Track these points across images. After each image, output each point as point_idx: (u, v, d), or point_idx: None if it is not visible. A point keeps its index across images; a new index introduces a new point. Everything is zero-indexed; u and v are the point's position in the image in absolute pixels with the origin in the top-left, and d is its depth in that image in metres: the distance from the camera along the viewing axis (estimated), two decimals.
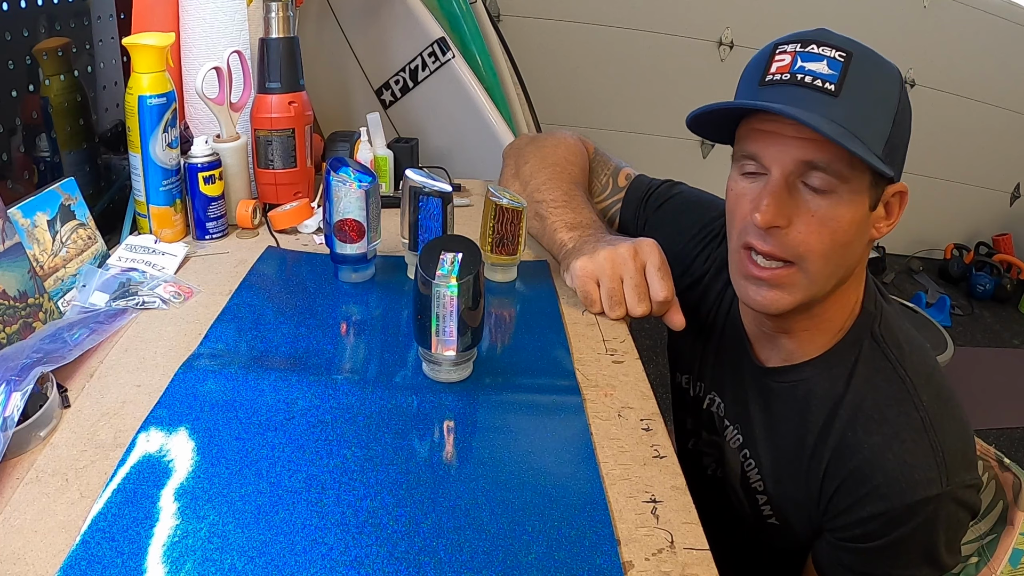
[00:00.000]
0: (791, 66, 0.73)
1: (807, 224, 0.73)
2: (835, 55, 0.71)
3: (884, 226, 0.78)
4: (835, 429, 0.79)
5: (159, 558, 0.56)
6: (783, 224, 0.73)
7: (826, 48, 0.72)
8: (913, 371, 0.78)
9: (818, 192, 0.73)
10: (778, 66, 0.73)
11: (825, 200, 0.72)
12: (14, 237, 0.78)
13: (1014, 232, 3.47)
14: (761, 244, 0.76)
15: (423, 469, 0.67)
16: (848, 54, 0.71)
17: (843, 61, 0.71)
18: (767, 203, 0.73)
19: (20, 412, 0.63)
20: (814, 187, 0.73)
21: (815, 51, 0.72)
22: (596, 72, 2.99)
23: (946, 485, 0.72)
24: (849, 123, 0.70)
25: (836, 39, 0.73)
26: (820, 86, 0.71)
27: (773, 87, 0.73)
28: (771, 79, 0.74)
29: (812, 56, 0.72)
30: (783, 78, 0.73)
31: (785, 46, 0.74)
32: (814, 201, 0.73)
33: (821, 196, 0.73)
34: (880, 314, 0.82)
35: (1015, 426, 2.46)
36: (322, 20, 1.69)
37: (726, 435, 0.94)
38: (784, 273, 0.76)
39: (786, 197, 0.73)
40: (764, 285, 0.77)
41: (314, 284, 0.97)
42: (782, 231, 0.74)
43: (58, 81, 0.98)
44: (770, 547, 0.92)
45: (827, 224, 0.73)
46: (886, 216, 0.78)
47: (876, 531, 0.75)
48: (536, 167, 1.10)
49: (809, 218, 0.73)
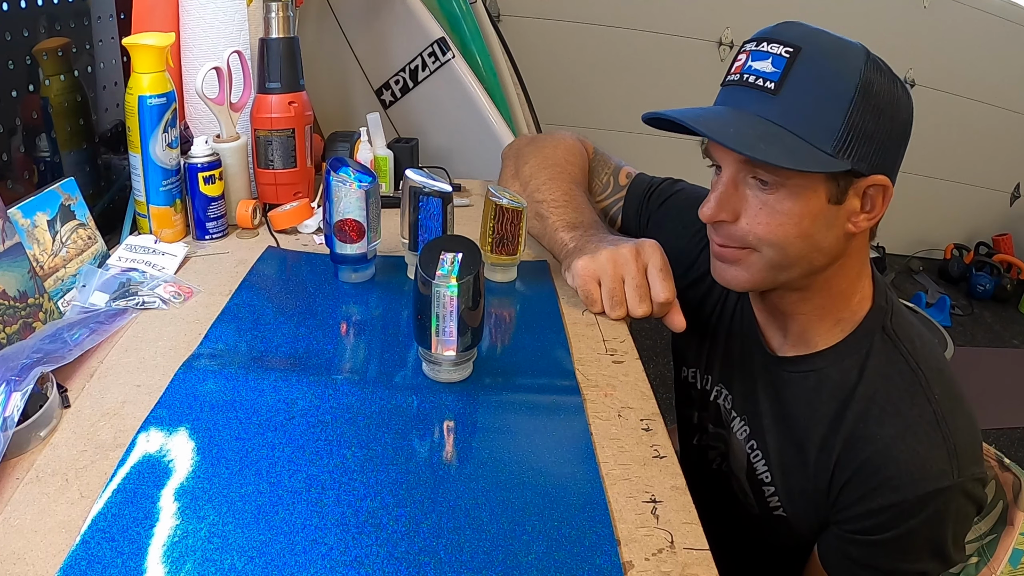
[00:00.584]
0: (743, 66, 0.76)
1: (755, 216, 0.77)
2: (781, 51, 0.73)
3: (863, 220, 0.77)
4: (847, 420, 0.79)
5: (159, 558, 0.56)
6: (727, 218, 0.78)
7: (775, 45, 0.74)
8: (925, 365, 0.78)
9: (764, 186, 0.76)
10: (736, 66, 0.78)
11: (772, 194, 0.75)
12: (14, 237, 0.78)
13: (1014, 232, 3.47)
14: (714, 236, 0.82)
15: (423, 469, 0.67)
16: (796, 49, 0.73)
17: (788, 58, 0.73)
18: (711, 200, 0.78)
19: (20, 412, 0.63)
20: (761, 181, 0.76)
21: (764, 48, 0.74)
22: (596, 72, 2.99)
23: (957, 477, 0.73)
24: (786, 120, 0.72)
25: (792, 33, 0.74)
26: (761, 85, 0.74)
27: (726, 88, 0.78)
28: (728, 79, 0.78)
29: (760, 54, 0.75)
30: (734, 79, 0.77)
31: (748, 44, 0.77)
32: (761, 195, 0.76)
33: (767, 191, 0.76)
34: (892, 309, 0.83)
35: (1015, 426, 2.46)
36: (322, 20, 1.69)
37: (732, 427, 0.95)
38: (740, 253, 0.80)
39: (732, 193, 0.78)
40: (726, 262, 0.82)
41: (314, 284, 0.97)
42: (729, 224, 0.79)
43: (58, 81, 0.98)
44: (775, 541, 0.92)
45: (775, 216, 0.76)
46: (864, 210, 0.76)
47: (886, 523, 0.75)
48: (536, 167, 1.10)
49: (757, 210, 0.77)
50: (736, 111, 0.75)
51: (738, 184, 0.77)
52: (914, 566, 0.77)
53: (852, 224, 0.77)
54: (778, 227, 0.76)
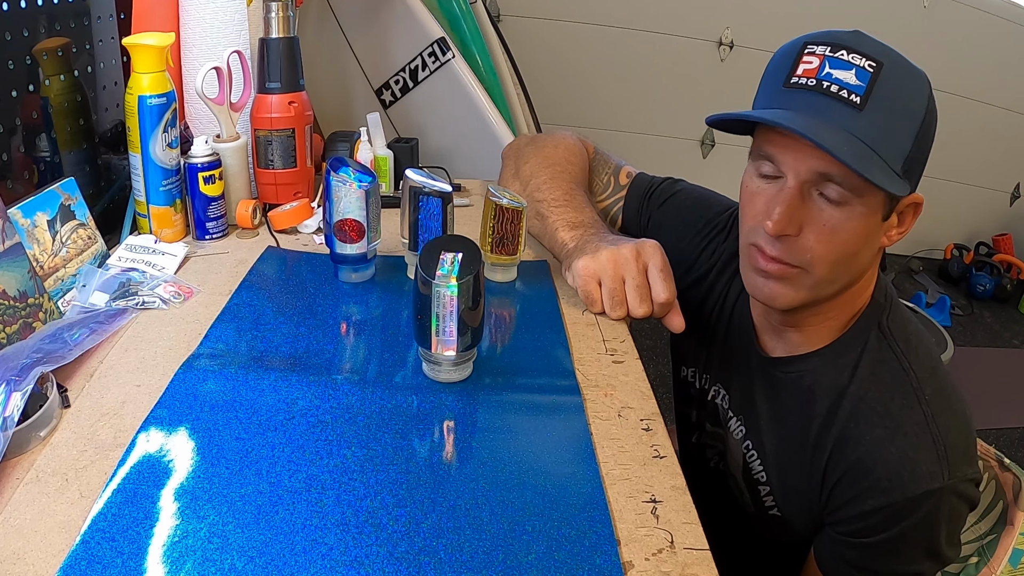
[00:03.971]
0: (818, 71, 0.71)
1: (817, 233, 0.73)
2: (865, 64, 0.69)
3: (895, 234, 0.78)
4: (838, 420, 0.79)
5: (159, 558, 0.56)
6: (793, 232, 0.74)
7: (856, 56, 0.70)
8: (918, 365, 0.78)
9: (832, 203, 0.72)
10: (805, 69, 0.72)
11: (838, 211, 0.72)
12: (14, 237, 0.78)
13: (1014, 232, 3.47)
14: (769, 248, 0.76)
15: (423, 469, 0.67)
16: (879, 64, 0.69)
17: (872, 72, 0.69)
18: (779, 212, 0.73)
19: (20, 412, 0.63)
20: (829, 198, 0.72)
21: (845, 58, 0.70)
22: (596, 72, 2.99)
23: (947, 479, 0.72)
24: (869, 138, 0.69)
25: (869, 45, 0.71)
26: (845, 97, 0.70)
27: (797, 91, 0.72)
28: (796, 82, 0.72)
29: (841, 63, 0.70)
30: (808, 83, 0.71)
31: (815, 47, 0.72)
32: (827, 211, 0.73)
33: (835, 207, 0.72)
34: (889, 306, 0.82)
35: (1015, 426, 2.46)
36: (322, 20, 1.69)
37: (729, 427, 0.95)
38: (790, 270, 0.76)
39: (799, 205, 0.73)
40: (771, 279, 0.78)
41: (314, 284, 0.97)
42: (791, 238, 0.74)
43: (58, 81, 0.98)
44: (772, 540, 0.93)
45: (837, 235, 0.73)
46: (898, 225, 0.77)
47: (877, 525, 0.75)
48: (536, 167, 1.10)
49: (820, 227, 0.73)
50: (822, 122, 0.69)
51: (804, 197, 0.73)
52: (909, 568, 0.77)
53: (886, 238, 0.77)
54: (839, 245, 0.73)
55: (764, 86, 0.78)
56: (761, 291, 0.79)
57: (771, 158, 0.75)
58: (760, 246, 0.77)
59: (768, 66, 0.78)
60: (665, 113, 3.05)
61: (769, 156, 0.75)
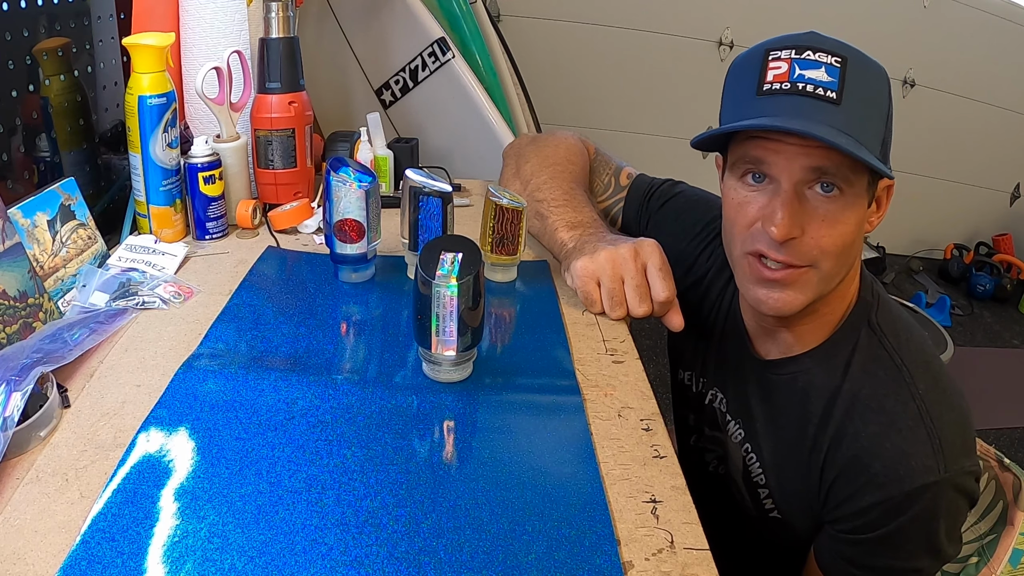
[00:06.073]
0: (789, 74, 0.72)
1: (818, 228, 0.74)
2: (832, 61, 0.71)
3: (876, 219, 0.80)
4: (833, 419, 0.79)
5: (159, 558, 0.56)
6: (798, 234, 0.74)
7: (822, 54, 0.72)
8: (910, 360, 0.78)
9: (827, 197, 0.73)
10: (775, 74, 0.73)
11: (834, 204, 0.73)
12: (14, 237, 0.78)
13: (1014, 232, 3.47)
14: (775, 254, 0.76)
15: (423, 469, 0.67)
16: (844, 59, 0.71)
17: (840, 67, 0.71)
18: (782, 216, 0.73)
19: (20, 412, 0.63)
20: (823, 192, 0.73)
21: (811, 57, 0.72)
22: (596, 72, 2.99)
23: (944, 472, 0.72)
24: (851, 129, 0.70)
25: (828, 43, 0.73)
26: (822, 95, 0.71)
27: (773, 97, 0.73)
28: (769, 88, 0.73)
29: (809, 63, 0.72)
30: (783, 87, 0.72)
31: (778, 52, 0.73)
32: (823, 206, 0.73)
33: (830, 200, 0.73)
34: (877, 303, 0.83)
35: (1015, 426, 2.46)
36: (322, 20, 1.69)
37: (728, 430, 0.95)
38: (799, 273, 0.76)
39: (798, 206, 0.73)
40: (778, 286, 0.77)
41: (314, 284, 0.97)
42: (796, 239, 0.74)
43: (58, 81, 0.98)
44: (772, 543, 0.93)
45: (836, 227, 0.74)
46: (877, 210, 0.79)
47: (876, 521, 0.75)
48: (537, 167, 1.10)
49: (820, 223, 0.74)
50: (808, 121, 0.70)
51: (800, 196, 0.74)
52: (908, 563, 0.77)
53: (868, 224, 0.78)
54: (840, 236, 0.74)
55: (731, 97, 0.78)
56: (767, 303, 0.78)
57: (759, 164, 0.75)
58: (764, 253, 0.76)
59: (728, 79, 0.79)
60: (665, 113, 3.05)
61: (756, 162, 0.75)
